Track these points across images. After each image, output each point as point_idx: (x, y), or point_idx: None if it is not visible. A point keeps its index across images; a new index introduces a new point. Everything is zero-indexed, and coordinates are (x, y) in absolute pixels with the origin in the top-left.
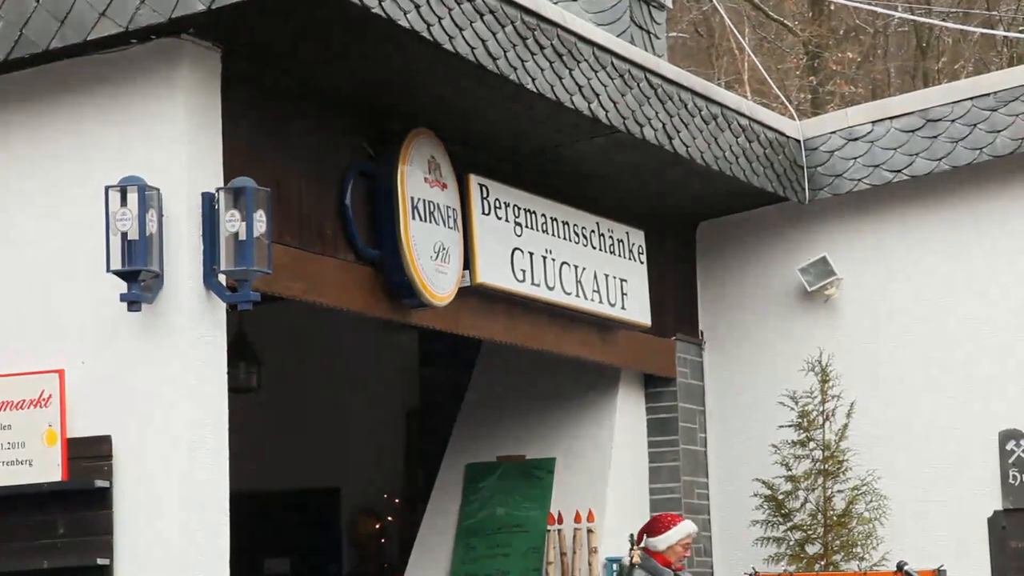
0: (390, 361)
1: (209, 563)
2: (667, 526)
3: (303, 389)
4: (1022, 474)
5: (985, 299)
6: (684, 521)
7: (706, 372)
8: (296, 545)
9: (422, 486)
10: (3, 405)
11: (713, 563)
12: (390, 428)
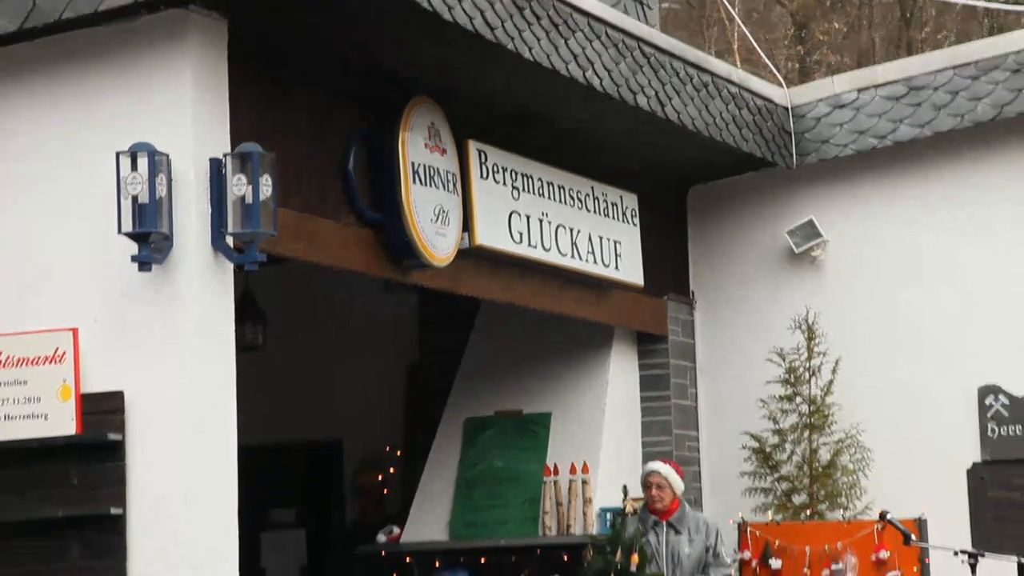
0: (391, 320)
1: (218, 512)
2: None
3: (307, 347)
4: (1000, 427)
5: (965, 260)
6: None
7: (697, 330)
8: (301, 496)
9: (422, 439)
10: (19, 361)
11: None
12: (392, 384)
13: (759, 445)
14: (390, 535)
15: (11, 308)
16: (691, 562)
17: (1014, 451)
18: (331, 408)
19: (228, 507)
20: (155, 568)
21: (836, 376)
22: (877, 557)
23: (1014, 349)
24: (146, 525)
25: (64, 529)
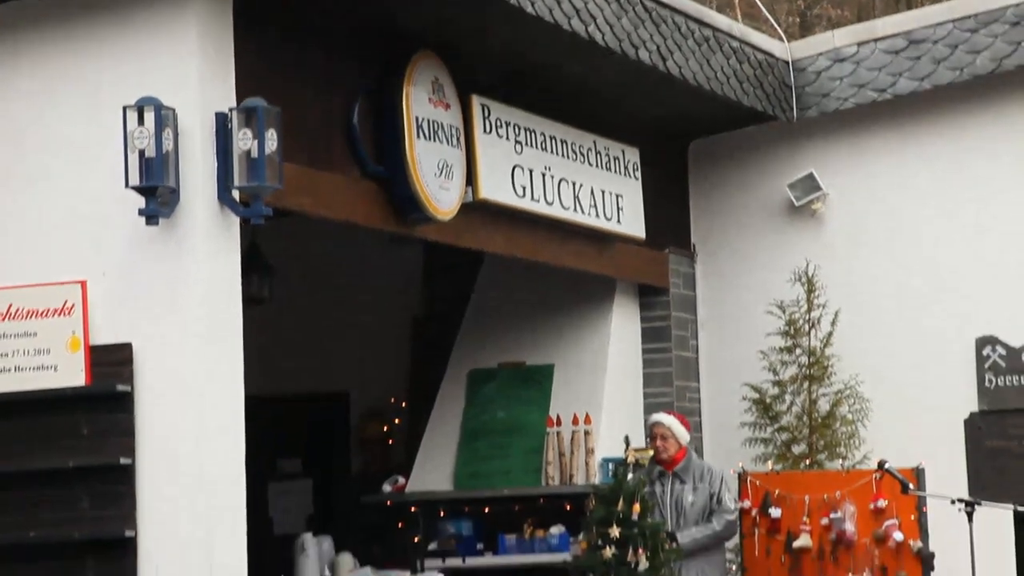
0: (396, 272)
1: (225, 461)
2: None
3: (313, 299)
4: (997, 378)
5: (964, 213)
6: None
7: (698, 283)
8: (307, 446)
9: (427, 391)
10: (29, 314)
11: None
12: (396, 336)
13: (759, 396)
14: (395, 485)
15: (20, 261)
16: (695, 510)
17: (1011, 401)
18: (337, 360)
19: (235, 457)
20: (163, 517)
21: (835, 328)
22: (875, 506)
23: (1012, 300)
24: (154, 475)
25: (74, 479)
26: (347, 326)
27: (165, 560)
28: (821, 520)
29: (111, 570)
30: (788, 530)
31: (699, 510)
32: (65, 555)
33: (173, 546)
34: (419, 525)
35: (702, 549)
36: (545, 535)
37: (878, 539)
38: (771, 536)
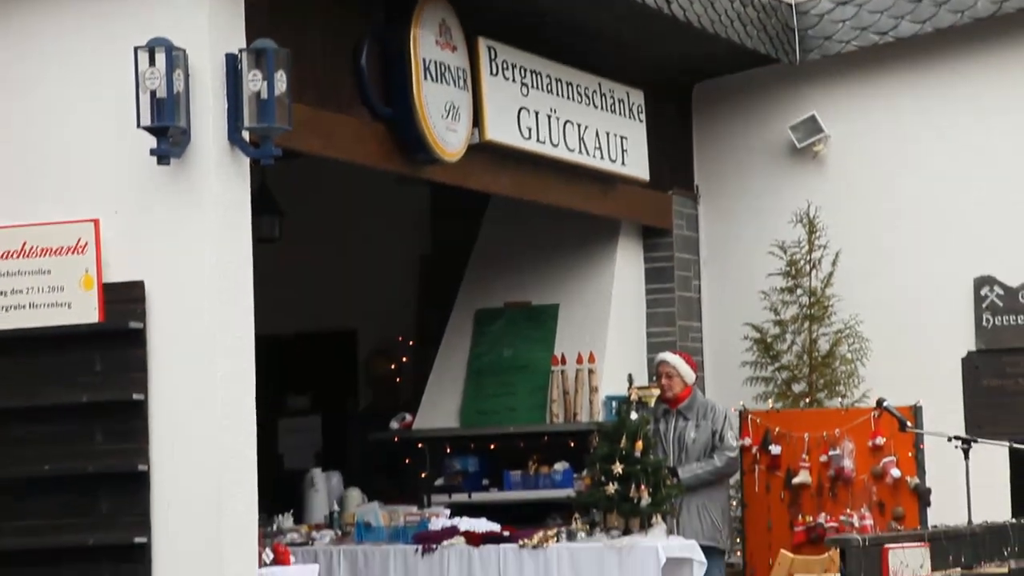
0: (404, 213)
1: (236, 396)
2: None
3: (322, 238)
4: (995, 317)
5: (963, 155)
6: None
7: (700, 224)
8: (316, 383)
9: (434, 330)
10: (43, 252)
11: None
12: (404, 275)
13: (760, 336)
14: (403, 422)
15: (34, 200)
16: (697, 447)
17: (1008, 340)
18: (345, 299)
19: (246, 393)
20: (175, 451)
21: (836, 268)
22: (873, 443)
23: (1009, 241)
24: (167, 410)
25: (88, 414)
26: (355, 265)
27: (177, 494)
28: (820, 457)
29: (124, 503)
30: (788, 467)
31: (701, 447)
32: (79, 488)
33: (185, 480)
34: (426, 461)
35: (703, 485)
36: (549, 471)
37: (876, 475)
38: (771, 473)
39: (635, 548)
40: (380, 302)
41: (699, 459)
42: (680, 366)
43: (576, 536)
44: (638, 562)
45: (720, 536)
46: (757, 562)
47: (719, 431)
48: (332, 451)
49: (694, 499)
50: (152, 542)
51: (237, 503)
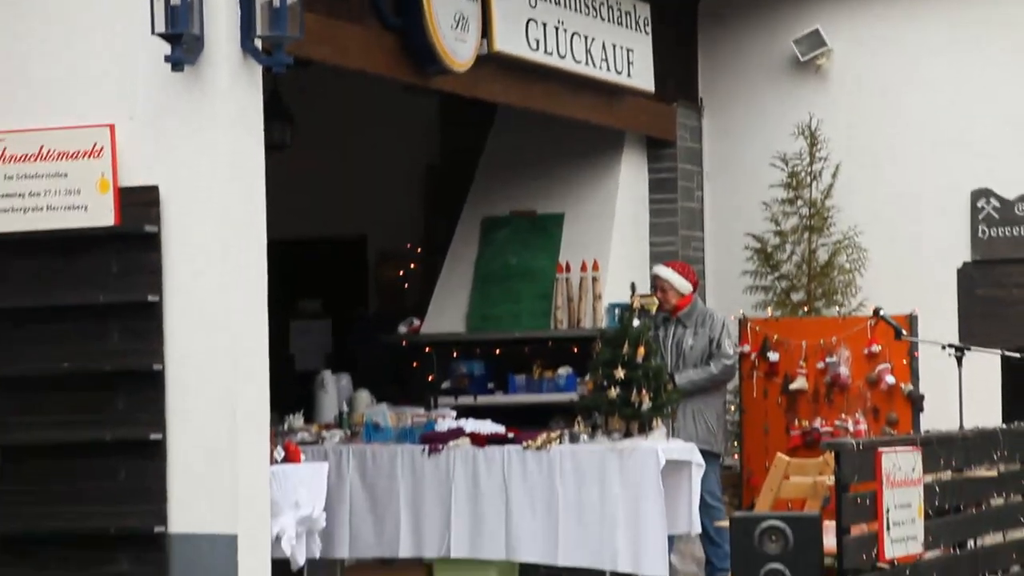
0: (412, 123)
1: (248, 299)
2: None
3: (332, 146)
4: (990, 229)
5: (964, 71)
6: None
7: (704, 136)
8: (327, 288)
9: (441, 237)
10: (60, 155)
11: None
12: (412, 184)
13: (761, 246)
14: (410, 327)
15: (51, 104)
16: (694, 354)
17: (1003, 251)
18: (355, 205)
19: (258, 296)
20: (190, 352)
21: (836, 180)
22: (869, 351)
23: (1006, 154)
24: (181, 311)
25: (105, 314)
26: (364, 173)
27: (190, 392)
28: (817, 364)
29: (140, 400)
30: (785, 373)
31: (698, 354)
32: (96, 386)
33: (198, 379)
34: (433, 365)
35: (699, 391)
36: (553, 376)
37: (871, 382)
38: (769, 379)
39: (636, 450)
40: (389, 210)
41: (696, 366)
42: (673, 278)
43: (578, 438)
44: (638, 464)
45: (714, 440)
46: (754, 465)
47: (716, 339)
48: (341, 353)
49: (690, 404)
50: (167, 439)
51: (249, 402)
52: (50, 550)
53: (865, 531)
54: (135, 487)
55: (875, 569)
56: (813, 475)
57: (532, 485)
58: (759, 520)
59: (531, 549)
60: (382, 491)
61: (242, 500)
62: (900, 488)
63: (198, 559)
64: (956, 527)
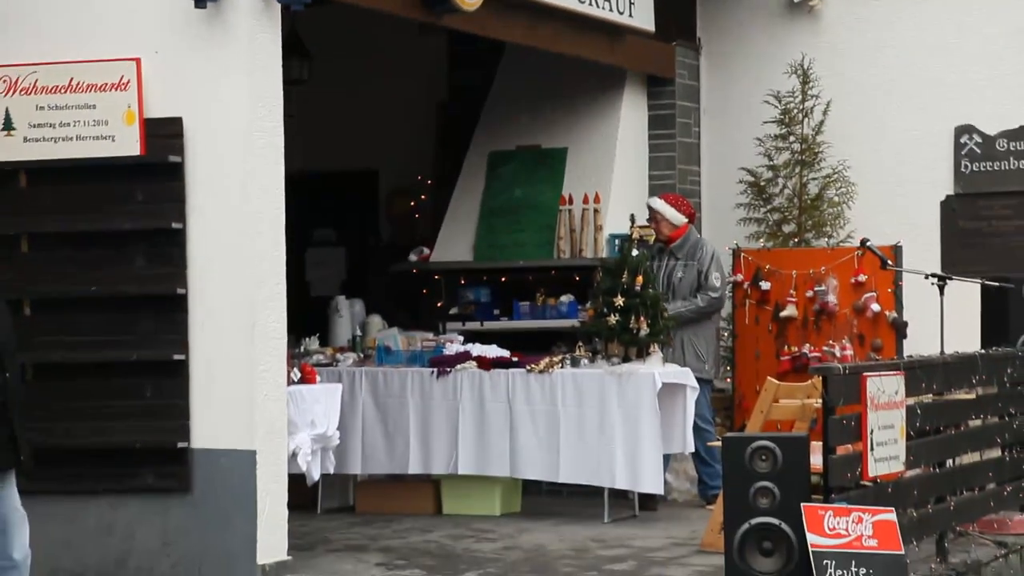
0: (423, 60)
1: (267, 228)
2: None
3: (347, 82)
4: (972, 164)
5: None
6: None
7: (702, 74)
8: (340, 218)
9: (450, 171)
10: (88, 87)
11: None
12: (423, 120)
13: (754, 180)
14: (420, 255)
15: (79, 38)
16: (683, 285)
17: (984, 185)
18: (368, 140)
19: (276, 224)
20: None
21: (827, 117)
22: (856, 280)
23: (988, 91)
24: (203, 237)
25: (130, 240)
26: (377, 109)
27: (212, 315)
28: (806, 293)
29: (163, 321)
30: (776, 301)
31: (687, 285)
32: (122, 309)
33: (219, 302)
34: (441, 292)
35: (687, 322)
36: (556, 303)
37: (857, 310)
38: (760, 307)
39: (633, 374)
40: (400, 145)
41: (685, 297)
42: (665, 210)
43: (579, 363)
44: (636, 387)
45: (704, 367)
46: (746, 388)
47: (704, 271)
48: (355, 280)
49: (680, 332)
50: (189, 359)
51: (268, 325)
52: (79, 464)
53: (850, 451)
54: (159, 405)
55: (859, 487)
56: (801, 398)
57: (535, 406)
58: (750, 440)
59: (533, 467)
60: (393, 411)
61: (260, 418)
62: (884, 410)
63: (218, 473)
64: (936, 447)
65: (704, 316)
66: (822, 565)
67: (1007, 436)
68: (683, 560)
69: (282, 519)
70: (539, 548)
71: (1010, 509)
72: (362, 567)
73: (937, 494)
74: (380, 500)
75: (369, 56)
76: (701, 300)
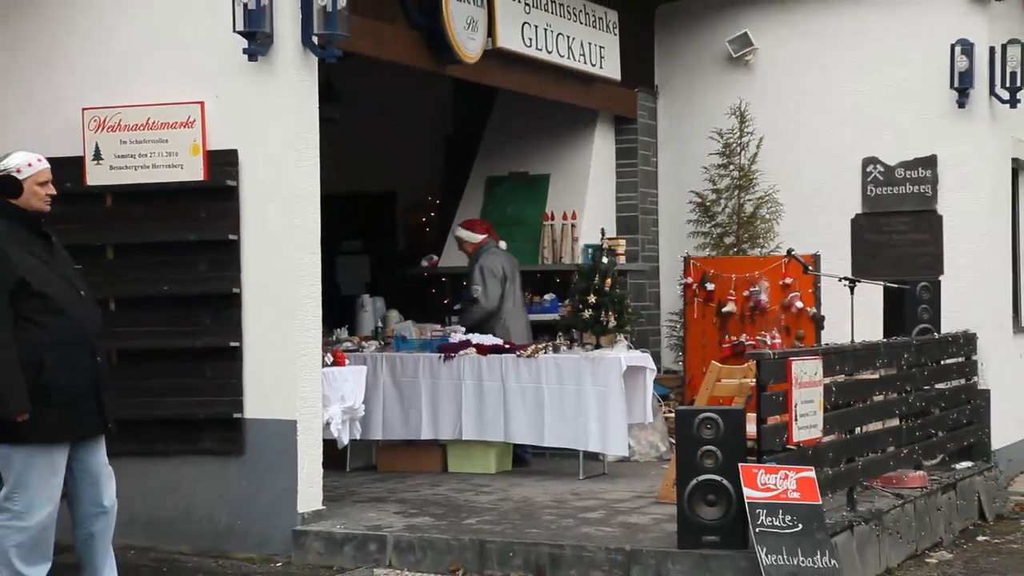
0: (432, 102)
1: (304, 236)
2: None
3: (369, 120)
4: (876, 188)
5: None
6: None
7: (659, 114)
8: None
9: (455, 191)
10: (162, 125)
11: (659, 249)
12: (432, 149)
13: (701, 201)
14: (430, 261)
15: (155, 86)
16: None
17: (885, 206)
18: (387, 167)
19: (312, 236)
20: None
21: (759, 150)
22: (783, 282)
23: (888, 130)
24: (253, 246)
25: (194, 250)
26: (394, 142)
27: (261, 310)
28: (743, 292)
29: (221, 316)
30: (719, 299)
31: (468, 293)
32: (188, 305)
33: (267, 301)
34: (447, 291)
35: (477, 322)
36: (540, 300)
37: (784, 306)
38: (706, 304)
39: (603, 358)
40: (414, 170)
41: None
42: (461, 232)
43: (559, 349)
44: (605, 369)
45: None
46: (694, 370)
47: (469, 282)
48: (377, 282)
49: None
50: (243, 346)
51: (306, 317)
52: (152, 431)
53: (778, 421)
54: (218, 383)
55: (785, 450)
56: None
57: (523, 384)
58: (697, 412)
59: (523, 433)
60: (408, 388)
61: (299, 394)
62: (805, 388)
63: (265, 439)
64: (847, 418)
65: (483, 318)
66: (755, 513)
67: (903, 409)
68: (643, 509)
69: (317, 476)
70: (527, 499)
71: (906, 468)
72: (383, 515)
73: (847, 456)
74: (397, 460)
75: (387, 99)
76: (475, 307)
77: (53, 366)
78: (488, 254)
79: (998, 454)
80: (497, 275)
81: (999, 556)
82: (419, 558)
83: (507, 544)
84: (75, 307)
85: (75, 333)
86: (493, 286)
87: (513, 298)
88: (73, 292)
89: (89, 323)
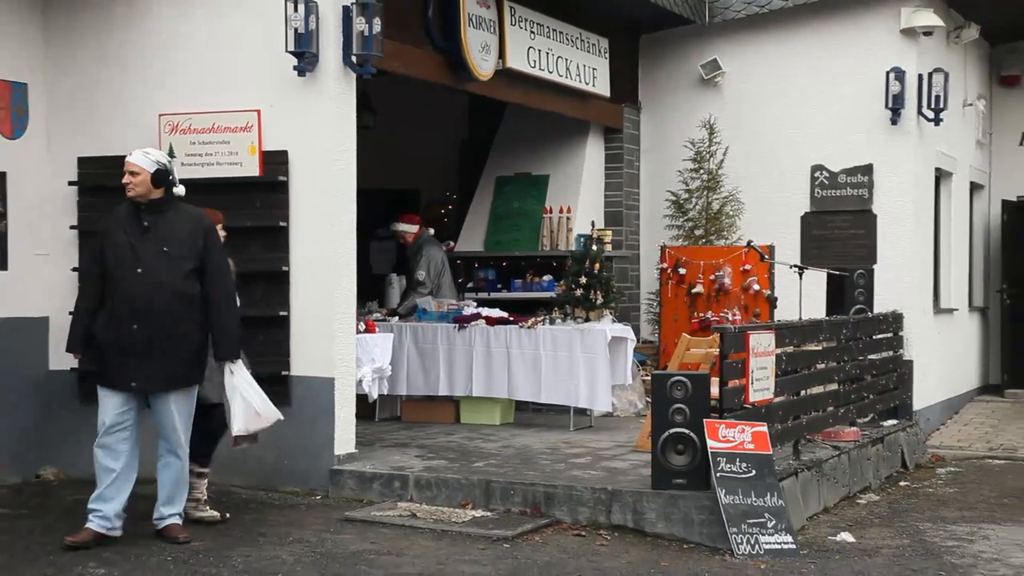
0: (451, 112)
1: (343, 223)
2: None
3: (399, 127)
4: (822, 191)
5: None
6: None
7: (641, 126)
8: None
9: (469, 188)
10: (225, 129)
11: (640, 239)
12: (450, 152)
13: (676, 199)
14: (448, 247)
15: (221, 97)
16: (412, 279)
17: (829, 205)
18: (412, 168)
19: (349, 224)
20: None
21: (725, 157)
22: (743, 268)
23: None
24: (300, 232)
25: (251, 234)
26: (419, 146)
27: (306, 285)
28: (710, 276)
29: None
30: (689, 282)
31: (413, 280)
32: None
33: (311, 276)
34: (462, 271)
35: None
36: (540, 280)
37: (744, 289)
38: (679, 285)
39: (591, 330)
40: (435, 170)
41: (415, 288)
42: (398, 226)
43: (555, 322)
44: (593, 338)
45: None
46: (667, 341)
47: (415, 268)
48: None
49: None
50: (290, 315)
51: (342, 293)
52: None
53: (738, 384)
54: (269, 346)
55: (743, 408)
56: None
57: (524, 351)
58: (670, 376)
59: (523, 391)
60: (428, 352)
61: (337, 356)
62: (761, 357)
63: (309, 393)
64: (794, 382)
65: (424, 297)
66: (717, 461)
67: (841, 375)
68: (623, 456)
69: (351, 424)
70: (526, 447)
71: (842, 424)
72: (406, 457)
73: (794, 414)
74: (418, 413)
75: (414, 110)
76: (419, 288)
77: (101, 325)
78: (429, 244)
79: (919, 414)
80: (435, 262)
81: (917, 498)
82: (435, 494)
83: (509, 484)
84: (128, 283)
85: (122, 303)
86: (435, 271)
87: (447, 278)
88: (132, 270)
89: (138, 298)
